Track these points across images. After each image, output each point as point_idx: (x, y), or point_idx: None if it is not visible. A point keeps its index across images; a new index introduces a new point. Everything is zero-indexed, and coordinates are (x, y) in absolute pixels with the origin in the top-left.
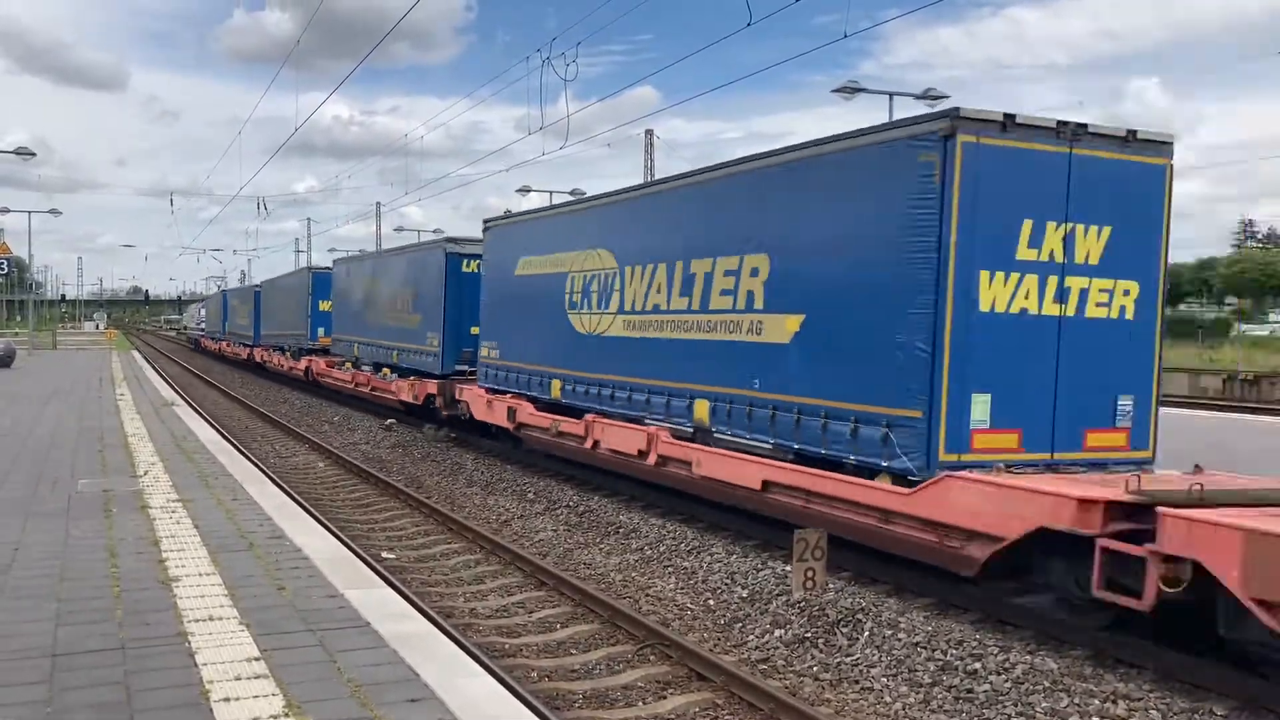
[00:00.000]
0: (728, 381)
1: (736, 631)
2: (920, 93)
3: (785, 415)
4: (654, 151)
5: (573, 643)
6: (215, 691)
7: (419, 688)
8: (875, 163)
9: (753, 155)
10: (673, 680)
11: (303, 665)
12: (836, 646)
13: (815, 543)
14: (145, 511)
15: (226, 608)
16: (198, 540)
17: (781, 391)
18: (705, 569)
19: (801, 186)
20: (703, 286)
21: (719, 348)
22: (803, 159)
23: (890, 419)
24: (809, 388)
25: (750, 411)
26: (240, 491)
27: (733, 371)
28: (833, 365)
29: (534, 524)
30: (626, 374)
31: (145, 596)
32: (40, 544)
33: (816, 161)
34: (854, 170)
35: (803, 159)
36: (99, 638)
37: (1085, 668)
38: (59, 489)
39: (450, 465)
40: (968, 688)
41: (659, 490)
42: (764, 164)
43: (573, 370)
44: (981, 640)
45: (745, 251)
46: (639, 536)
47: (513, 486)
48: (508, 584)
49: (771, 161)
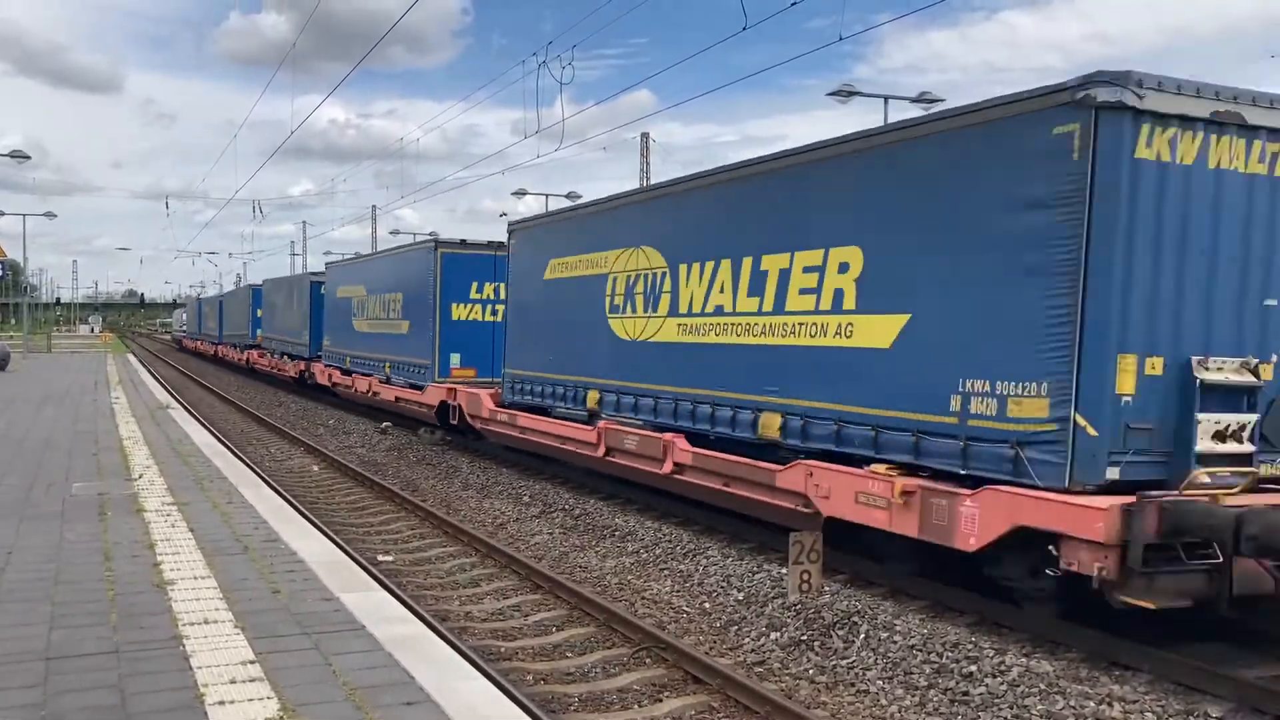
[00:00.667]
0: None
1: (732, 634)
2: (915, 96)
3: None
4: (650, 155)
5: (568, 646)
6: (210, 695)
7: (415, 691)
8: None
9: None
10: (668, 683)
11: (298, 668)
12: (832, 649)
13: (811, 545)
14: (140, 515)
15: (222, 611)
16: (193, 543)
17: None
18: (701, 572)
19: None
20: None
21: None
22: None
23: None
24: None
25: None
26: (235, 495)
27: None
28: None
29: (530, 527)
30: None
31: (140, 600)
32: (35, 547)
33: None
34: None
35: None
36: (94, 641)
37: (1081, 670)
38: (54, 492)
39: (446, 468)
40: (963, 690)
41: (660, 494)
42: (888, 138)
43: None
44: (977, 643)
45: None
46: (635, 539)
47: (508, 490)
48: (503, 587)
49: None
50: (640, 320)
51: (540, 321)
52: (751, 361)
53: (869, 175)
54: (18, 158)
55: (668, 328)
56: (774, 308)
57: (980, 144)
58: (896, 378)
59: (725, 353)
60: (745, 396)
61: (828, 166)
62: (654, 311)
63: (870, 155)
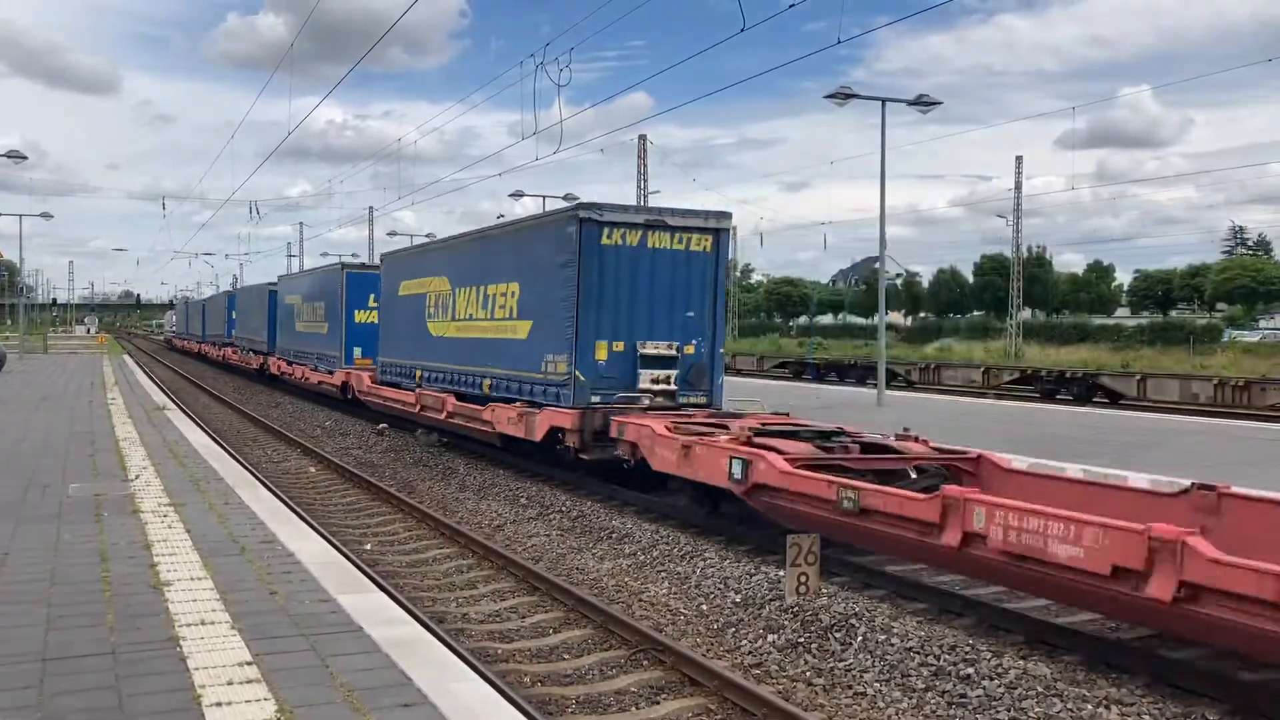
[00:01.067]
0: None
1: (729, 637)
2: (913, 99)
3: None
4: (647, 157)
5: (565, 648)
6: (207, 696)
7: (412, 692)
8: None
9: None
10: (666, 685)
11: (295, 670)
12: (830, 652)
13: (808, 548)
14: (137, 516)
15: (218, 612)
16: (189, 545)
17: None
18: (698, 574)
19: (520, 244)
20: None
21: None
22: (526, 226)
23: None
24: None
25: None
26: (232, 496)
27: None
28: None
29: (526, 529)
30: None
31: (137, 601)
32: (31, 548)
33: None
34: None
35: (526, 226)
36: (90, 642)
37: (1078, 673)
38: (50, 493)
39: (442, 470)
40: (961, 693)
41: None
42: (516, 228)
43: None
44: (974, 645)
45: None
46: (632, 541)
47: (505, 492)
48: (500, 589)
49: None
50: (441, 323)
51: (395, 324)
52: (481, 348)
53: (517, 244)
54: (14, 158)
55: (451, 328)
56: (489, 316)
57: (546, 232)
58: (528, 355)
59: (472, 343)
60: (479, 369)
61: (504, 238)
62: (446, 317)
63: (516, 233)
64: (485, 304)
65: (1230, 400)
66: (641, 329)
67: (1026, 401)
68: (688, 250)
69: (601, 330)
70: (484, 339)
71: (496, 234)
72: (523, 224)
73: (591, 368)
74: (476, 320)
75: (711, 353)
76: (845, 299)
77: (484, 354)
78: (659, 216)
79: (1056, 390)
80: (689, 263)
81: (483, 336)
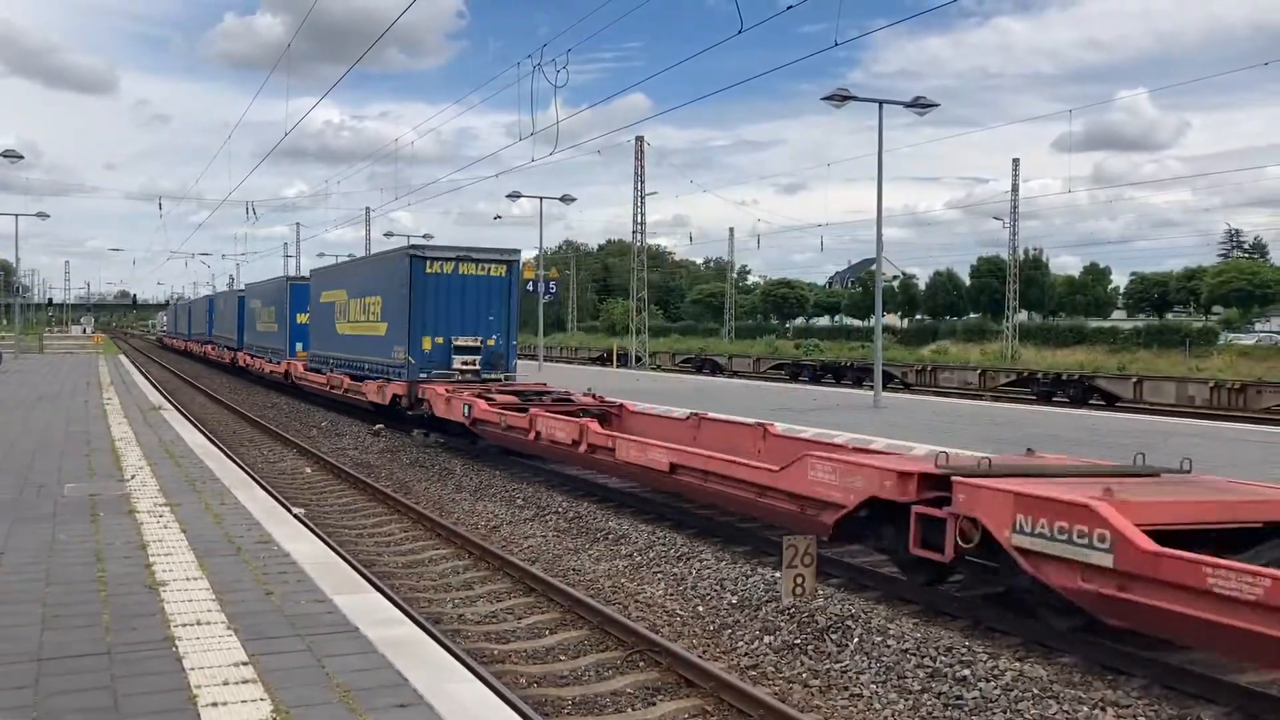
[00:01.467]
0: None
1: (726, 638)
2: (910, 101)
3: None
4: (644, 159)
5: (562, 649)
6: (203, 696)
7: (408, 693)
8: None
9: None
10: (662, 686)
11: (291, 670)
12: (826, 653)
13: (804, 549)
14: (133, 516)
15: (214, 612)
16: (185, 545)
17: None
18: (695, 575)
19: (380, 270)
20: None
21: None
22: (383, 258)
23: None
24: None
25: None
26: (228, 496)
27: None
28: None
29: (523, 530)
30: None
31: (132, 601)
32: (26, 548)
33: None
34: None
35: (383, 258)
36: (86, 642)
37: (1074, 675)
38: (45, 493)
39: (439, 470)
40: (957, 694)
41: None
42: (379, 259)
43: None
44: (970, 647)
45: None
46: (628, 542)
47: (502, 492)
48: (496, 590)
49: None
50: (343, 324)
51: (318, 325)
52: (362, 342)
53: (378, 270)
54: (11, 157)
55: (348, 327)
56: (366, 319)
57: (393, 264)
58: (385, 346)
59: (358, 339)
60: (361, 357)
61: (375, 264)
62: (345, 320)
63: (378, 262)
64: (365, 311)
65: (1226, 403)
66: (455, 328)
67: (1023, 404)
68: (489, 275)
69: (427, 329)
70: (364, 336)
71: (372, 261)
72: (384, 256)
73: (420, 354)
74: (359, 322)
75: (507, 344)
76: (841, 301)
77: (363, 346)
78: (467, 253)
79: (1053, 392)
80: (489, 284)
81: (363, 334)
